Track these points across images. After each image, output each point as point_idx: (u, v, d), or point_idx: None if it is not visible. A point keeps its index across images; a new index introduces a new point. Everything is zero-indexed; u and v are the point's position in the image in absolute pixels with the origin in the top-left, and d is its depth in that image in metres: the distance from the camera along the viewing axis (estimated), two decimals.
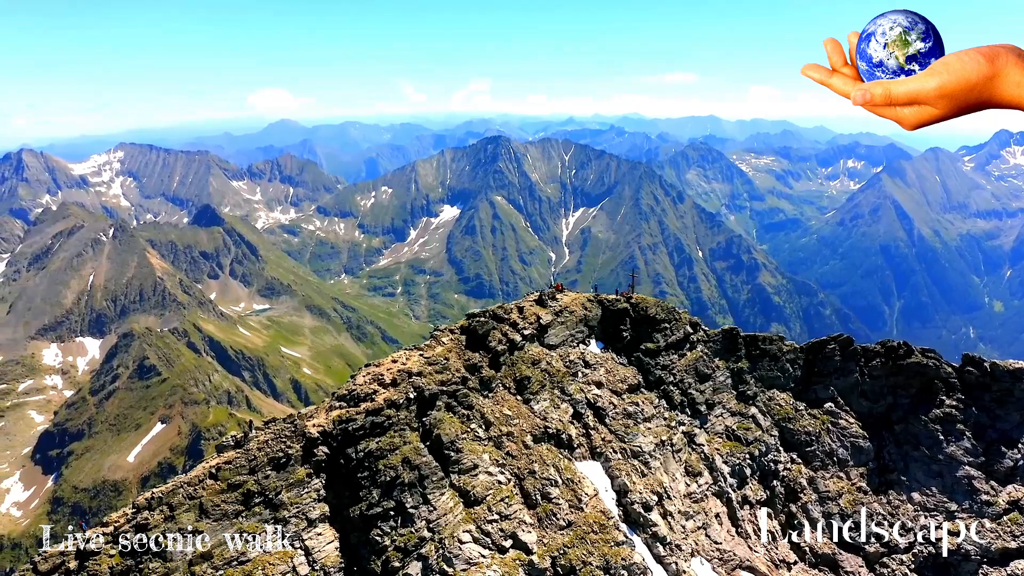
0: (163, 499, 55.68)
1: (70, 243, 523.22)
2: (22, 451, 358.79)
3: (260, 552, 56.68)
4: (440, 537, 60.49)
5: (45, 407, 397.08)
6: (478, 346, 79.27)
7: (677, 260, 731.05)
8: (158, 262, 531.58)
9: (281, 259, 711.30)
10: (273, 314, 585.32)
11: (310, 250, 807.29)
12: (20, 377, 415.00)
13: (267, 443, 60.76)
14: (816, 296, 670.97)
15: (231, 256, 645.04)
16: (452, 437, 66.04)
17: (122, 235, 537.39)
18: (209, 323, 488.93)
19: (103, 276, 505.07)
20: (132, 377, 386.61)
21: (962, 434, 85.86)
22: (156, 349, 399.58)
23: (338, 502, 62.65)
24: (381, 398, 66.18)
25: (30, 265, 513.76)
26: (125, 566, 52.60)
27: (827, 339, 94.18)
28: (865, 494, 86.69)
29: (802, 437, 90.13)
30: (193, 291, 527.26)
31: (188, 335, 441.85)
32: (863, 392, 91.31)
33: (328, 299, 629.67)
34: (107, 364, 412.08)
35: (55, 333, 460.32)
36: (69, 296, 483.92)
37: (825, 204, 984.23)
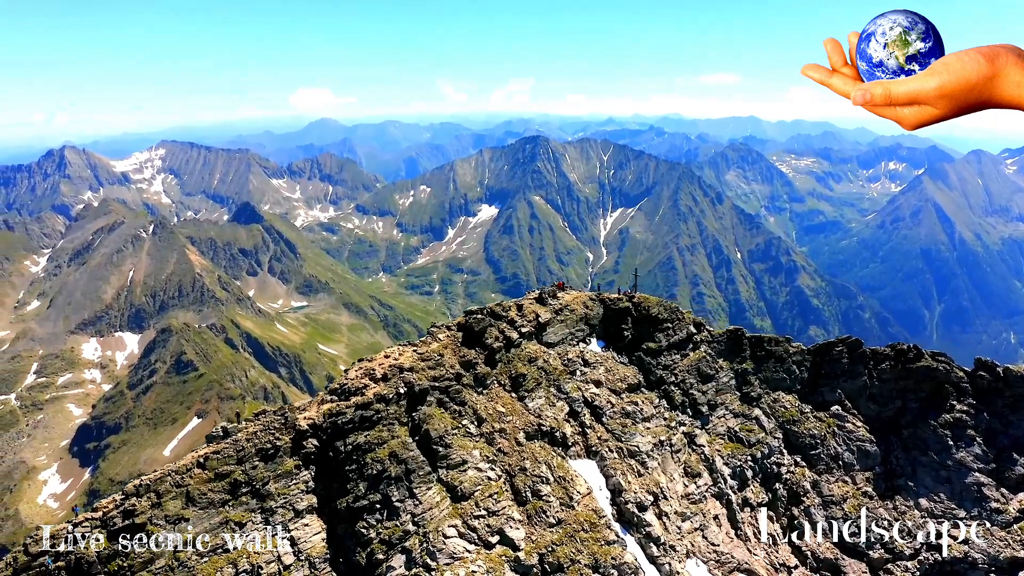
0: (151, 486, 56.76)
1: (110, 239, 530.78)
2: (60, 444, 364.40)
3: (246, 540, 57.57)
4: (424, 531, 60.96)
5: (83, 400, 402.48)
6: (474, 343, 79.59)
7: (715, 261, 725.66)
8: (197, 259, 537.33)
9: (319, 257, 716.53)
10: (310, 311, 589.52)
11: (348, 248, 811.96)
12: (59, 371, 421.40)
13: (255, 434, 61.63)
14: (855, 299, 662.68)
15: (270, 253, 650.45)
16: (441, 432, 66.48)
17: (162, 232, 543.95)
18: (247, 319, 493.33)
19: (143, 272, 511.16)
20: (169, 372, 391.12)
21: (972, 440, 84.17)
22: (193, 345, 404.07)
23: (327, 494, 63.43)
24: (371, 392, 66.82)
25: (71, 261, 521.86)
26: (112, 550, 53.66)
27: (835, 341, 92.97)
28: (871, 499, 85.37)
29: (807, 440, 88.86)
30: (231, 288, 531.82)
31: (226, 331, 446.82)
32: (871, 395, 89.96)
33: (365, 297, 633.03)
34: (145, 359, 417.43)
35: (94, 328, 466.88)
36: (109, 291, 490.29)
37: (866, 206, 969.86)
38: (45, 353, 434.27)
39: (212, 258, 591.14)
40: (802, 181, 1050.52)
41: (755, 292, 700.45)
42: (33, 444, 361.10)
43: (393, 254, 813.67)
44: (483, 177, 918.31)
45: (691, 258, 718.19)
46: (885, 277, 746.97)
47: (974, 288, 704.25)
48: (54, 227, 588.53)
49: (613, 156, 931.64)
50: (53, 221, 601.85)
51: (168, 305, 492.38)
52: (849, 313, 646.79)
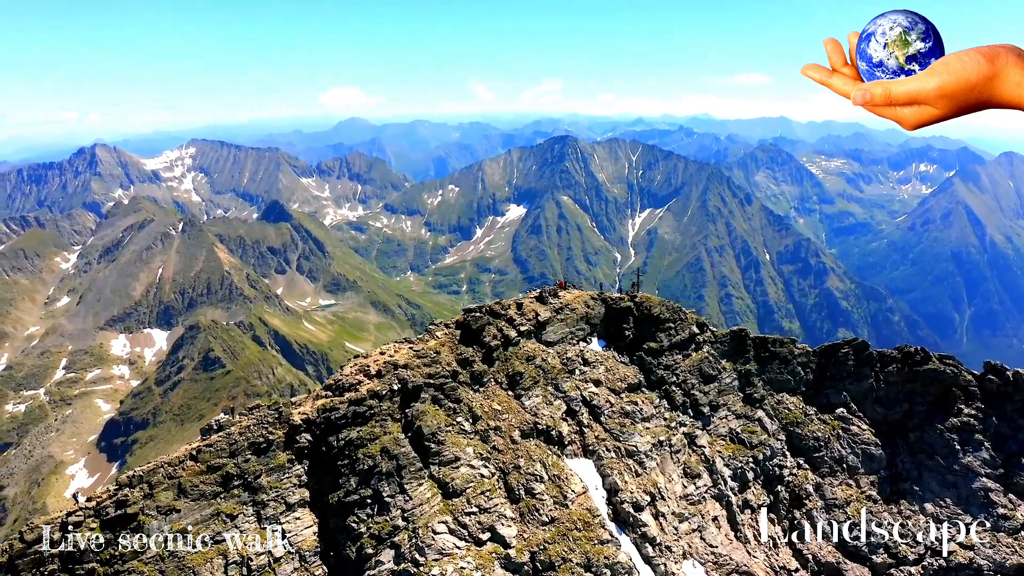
0: (143, 477, 57.75)
1: (140, 236, 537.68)
2: (88, 438, 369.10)
3: (236, 532, 58.41)
4: (414, 527, 61.33)
5: (112, 396, 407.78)
6: (472, 341, 79.80)
7: (744, 263, 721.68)
8: (226, 256, 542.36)
9: (348, 255, 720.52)
10: (338, 310, 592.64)
11: (377, 247, 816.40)
12: (88, 366, 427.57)
13: (249, 428, 62.48)
14: (885, 302, 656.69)
15: (298, 252, 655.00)
16: (434, 429, 66.83)
17: (191, 229, 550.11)
18: (275, 317, 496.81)
19: (172, 269, 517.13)
20: (197, 369, 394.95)
21: (980, 444, 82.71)
22: (221, 342, 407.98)
23: (320, 489, 64.12)
24: (364, 388, 67.39)
25: (101, 258, 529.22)
26: (105, 539, 54.80)
27: (840, 343, 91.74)
28: (875, 503, 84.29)
29: (810, 442, 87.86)
30: (260, 285, 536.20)
31: (254, 328, 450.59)
32: (878, 398, 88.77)
33: (393, 296, 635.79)
34: (173, 355, 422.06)
35: (124, 324, 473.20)
36: (138, 288, 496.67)
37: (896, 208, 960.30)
38: (74, 349, 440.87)
39: (241, 256, 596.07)
40: (832, 182, 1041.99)
41: (784, 294, 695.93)
42: (61, 439, 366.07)
43: (421, 253, 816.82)
44: (511, 177, 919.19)
45: (719, 259, 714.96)
46: (915, 280, 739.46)
47: (1004, 291, 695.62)
48: (85, 224, 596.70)
49: (642, 156, 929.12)
50: (84, 218, 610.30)
51: (197, 302, 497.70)
52: (878, 316, 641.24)
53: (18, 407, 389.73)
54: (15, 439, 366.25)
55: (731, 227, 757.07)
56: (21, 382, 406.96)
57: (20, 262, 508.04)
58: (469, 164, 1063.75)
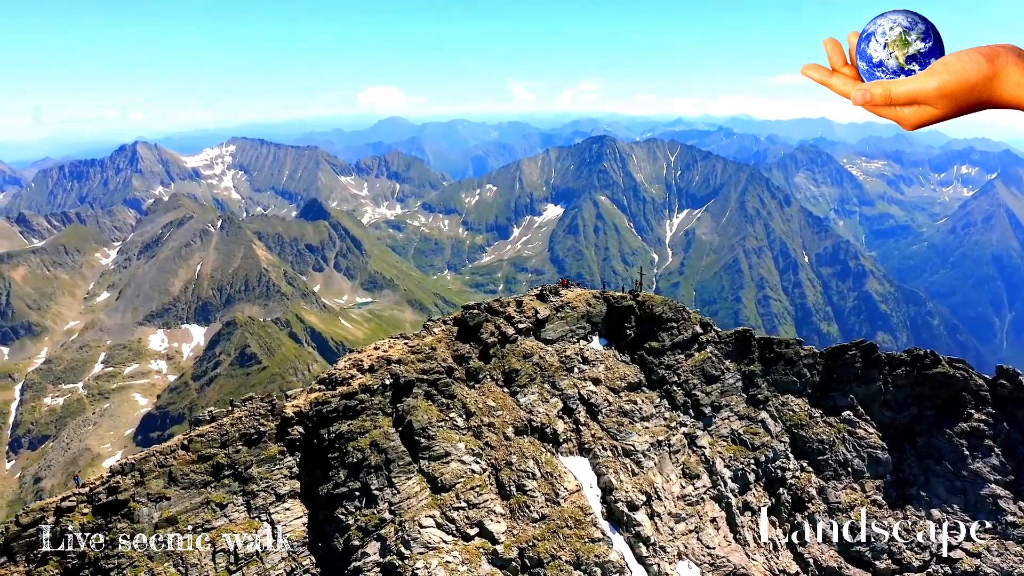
0: (135, 465, 59.10)
1: (179, 233, 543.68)
2: (125, 432, 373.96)
3: (226, 521, 59.40)
4: (401, 520, 62.11)
5: (149, 390, 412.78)
6: (469, 338, 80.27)
7: (782, 264, 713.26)
8: (264, 253, 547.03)
9: (385, 254, 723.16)
10: (374, 307, 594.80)
11: (414, 246, 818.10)
12: (127, 361, 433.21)
13: (240, 419, 63.63)
14: (924, 305, 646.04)
15: (336, 250, 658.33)
16: (424, 424, 67.41)
17: (229, 226, 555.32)
18: (311, 314, 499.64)
19: (210, 266, 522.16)
20: (233, 364, 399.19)
21: (990, 450, 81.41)
22: (258, 338, 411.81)
23: (311, 480, 65.18)
24: (356, 383, 68.35)
25: (140, 254, 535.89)
26: (96, 524, 56.33)
27: (847, 345, 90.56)
28: (880, 508, 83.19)
29: (814, 445, 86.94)
30: (297, 283, 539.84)
31: (290, 325, 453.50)
32: (886, 401, 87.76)
33: (429, 294, 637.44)
34: (210, 351, 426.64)
35: (162, 320, 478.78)
36: (177, 284, 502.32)
37: (937, 211, 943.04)
38: (113, 343, 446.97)
39: (279, 253, 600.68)
40: (872, 184, 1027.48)
41: (822, 296, 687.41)
42: (99, 432, 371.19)
43: (458, 252, 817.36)
44: (549, 176, 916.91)
45: (757, 261, 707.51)
46: (955, 283, 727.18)
47: None
48: (125, 221, 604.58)
49: (680, 156, 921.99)
50: (124, 215, 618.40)
51: (234, 299, 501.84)
52: (918, 319, 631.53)
53: (57, 400, 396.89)
54: (53, 432, 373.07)
55: (770, 228, 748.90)
56: (60, 376, 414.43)
57: (61, 257, 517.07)
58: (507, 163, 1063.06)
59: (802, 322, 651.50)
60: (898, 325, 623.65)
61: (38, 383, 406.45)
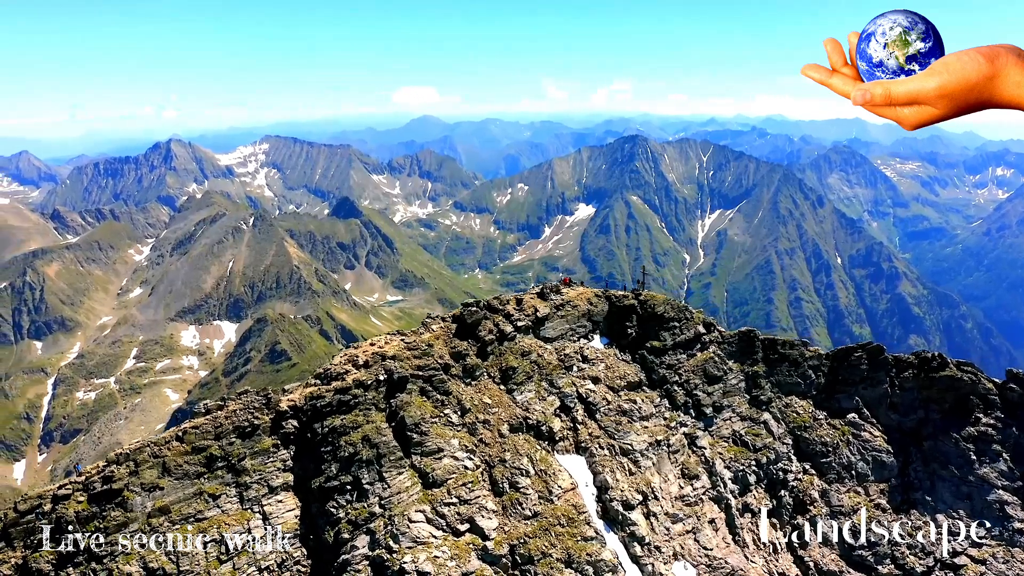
0: (130, 455, 60.39)
1: (212, 230, 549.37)
2: (156, 427, 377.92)
3: (218, 512, 60.50)
4: (390, 514, 62.69)
5: (180, 386, 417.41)
6: (467, 335, 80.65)
7: (814, 266, 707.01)
8: (295, 251, 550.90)
9: (416, 252, 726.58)
10: (405, 306, 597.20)
11: (445, 244, 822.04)
12: (158, 356, 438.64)
13: (235, 412, 64.64)
14: (958, 309, 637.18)
15: (367, 248, 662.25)
16: (417, 420, 67.92)
17: (262, 224, 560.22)
18: (342, 312, 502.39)
19: (242, 263, 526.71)
20: (263, 361, 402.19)
21: (998, 455, 79.85)
22: (288, 335, 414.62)
23: (304, 474, 66.07)
24: (351, 378, 69.07)
25: (173, 250, 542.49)
26: (90, 512, 57.68)
27: (854, 347, 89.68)
28: (883, 512, 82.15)
29: (818, 447, 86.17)
30: (328, 280, 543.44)
31: (321, 323, 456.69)
32: (892, 404, 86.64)
33: (460, 293, 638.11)
34: (241, 347, 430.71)
35: (194, 316, 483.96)
36: (209, 281, 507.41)
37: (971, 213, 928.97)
38: (145, 339, 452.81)
39: (311, 251, 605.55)
40: (906, 185, 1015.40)
41: (855, 298, 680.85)
42: (130, 426, 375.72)
43: (489, 251, 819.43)
44: (581, 176, 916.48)
45: (789, 262, 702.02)
46: (989, 286, 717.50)
47: None
48: (158, 218, 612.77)
49: (713, 157, 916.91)
50: (158, 212, 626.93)
51: (266, 296, 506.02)
52: (951, 323, 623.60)
53: (89, 395, 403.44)
54: (85, 426, 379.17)
55: (802, 230, 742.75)
56: (93, 370, 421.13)
57: (95, 254, 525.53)
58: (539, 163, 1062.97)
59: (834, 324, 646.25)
60: (931, 328, 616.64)
61: (70, 377, 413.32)
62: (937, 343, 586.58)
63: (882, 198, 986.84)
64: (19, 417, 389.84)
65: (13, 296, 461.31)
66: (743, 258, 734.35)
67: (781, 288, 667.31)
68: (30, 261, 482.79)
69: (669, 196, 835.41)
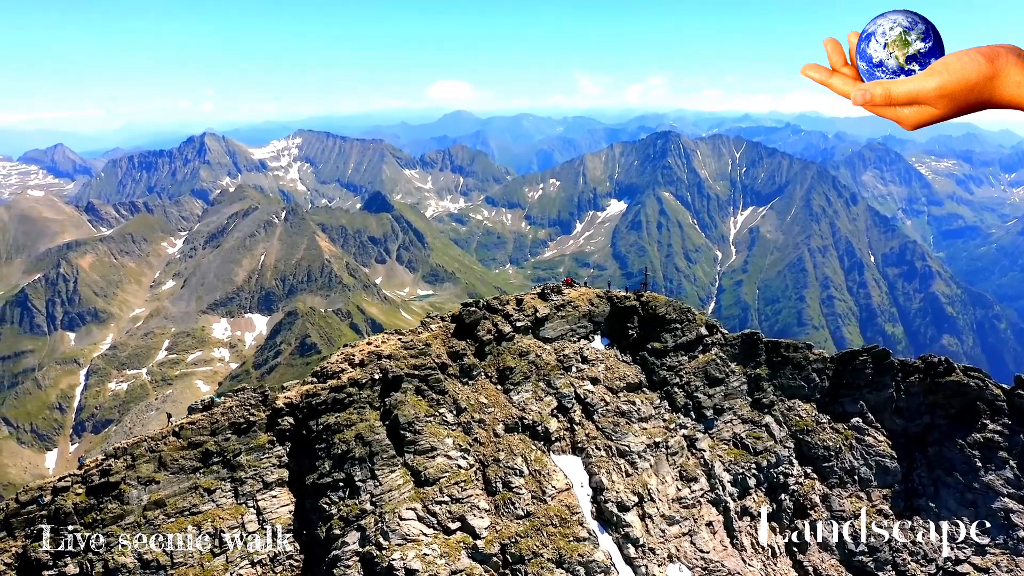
0: (127, 450, 61.92)
1: (244, 224, 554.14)
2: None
3: (213, 506, 61.96)
4: (381, 511, 63.71)
5: (211, 378, 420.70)
6: (466, 335, 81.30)
7: (847, 264, 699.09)
8: (327, 245, 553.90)
9: (447, 247, 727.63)
10: (435, 300, 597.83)
11: (477, 239, 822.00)
12: (190, 348, 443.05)
13: (231, 409, 65.97)
14: (992, 309, 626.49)
15: (398, 242, 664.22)
16: (411, 419, 68.85)
17: (293, 218, 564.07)
18: (372, 305, 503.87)
19: (274, 256, 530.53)
20: (294, 353, 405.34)
21: (1005, 462, 78.81)
22: (318, 328, 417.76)
23: (300, 470, 67.26)
24: (346, 376, 70.06)
25: (206, 243, 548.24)
26: (88, 504, 59.42)
27: (859, 350, 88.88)
28: (886, 518, 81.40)
29: (820, 451, 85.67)
30: (359, 274, 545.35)
31: (351, 316, 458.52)
32: (898, 409, 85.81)
33: (491, 288, 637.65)
34: (271, 340, 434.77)
35: (225, 308, 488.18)
36: (241, 274, 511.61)
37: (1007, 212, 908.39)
38: (177, 331, 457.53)
39: (342, 245, 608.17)
40: (941, 184, 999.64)
41: (887, 297, 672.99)
42: (160, 417, 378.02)
43: (520, 246, 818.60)
44: (613, 172, 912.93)
45: (822, 260, 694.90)
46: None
47: None
48: (192, 211, 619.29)
49: (746, 153, 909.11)
50: (191, 205, 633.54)
51: (297, 289, 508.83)
52: (984, 323, 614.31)
53: (120, 386, 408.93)
54: (116, 416, 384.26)
55: (835, 227, 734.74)
56: (125, 362, 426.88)
57: (128, 246, 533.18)
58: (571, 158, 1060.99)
59: (866, 323, 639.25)
60: (964, 328, 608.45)
61: (103, 368, 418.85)
62: (970, 343, 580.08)
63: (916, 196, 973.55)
64: (52, 407, 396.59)
65: (47, 288, 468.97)
66: (775, 255, 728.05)
67: (813, 286, 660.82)
68: (64, 253, 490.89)
69: (701, 192, 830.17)
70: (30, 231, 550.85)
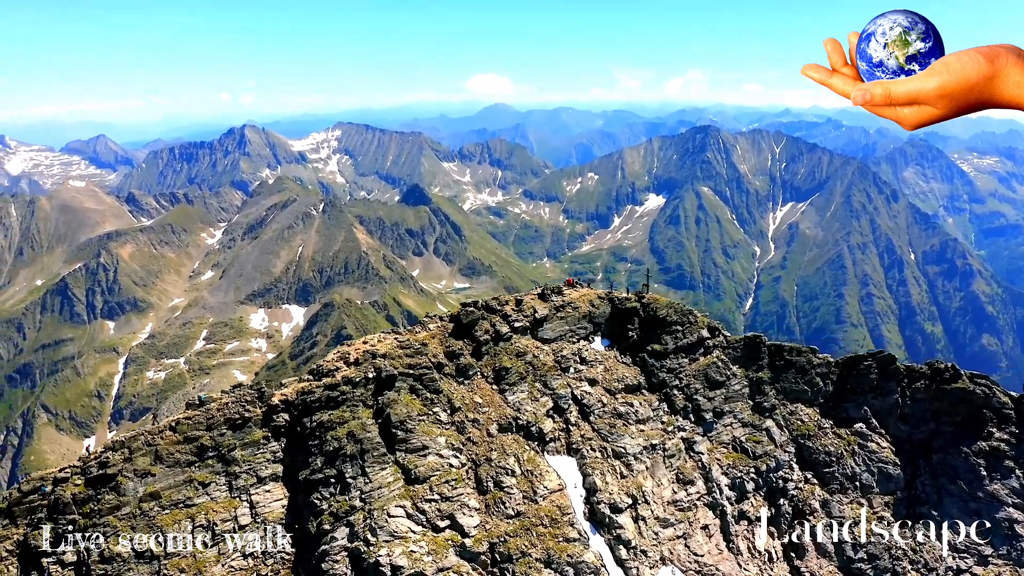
0: (125, 443, 64.05)
1: (283, 215, 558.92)
2: None
3: (207, 499, 63.85)
4: (370, 508, 65.03)
5: (248, 368, 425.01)
6: (463, 335, 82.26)
7: (887, 262, 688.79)
8: (364, 237, 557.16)
9: (484, 240, 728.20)
10: (471, 293, 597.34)
11: (514, 233, 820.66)
12: (228, 338, 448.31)
13: (227, 405, 67.76)
14: None
15: (436, 235, 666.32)
16: (403, 417, 69.97)
17: (331, 210, 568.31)
18: (408, 298, 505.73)
19: (311, 248, 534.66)
20: (329, 345, 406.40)
21: (1010, 472, 77.72)
22: (354, 320, 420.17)
23: (294, 466, 68.94)
24: (340, 375, 71.46)
25: (245, 235, 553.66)
26: (86, 495, 61.66)
27: (863, 355, 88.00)
28: (887, 525, 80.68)
29: (821, 456, 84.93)
30: (396, 266, 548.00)
31: (387, 308, 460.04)
32: (903, 415, 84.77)
33: (527, 282, 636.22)
34: (307, 331, 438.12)
35: (263, 299, 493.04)
36: (279, 265, 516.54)
37: None
38: (215, 321, 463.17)
39: (379, 237, 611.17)
40: (983, 181, 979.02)
41: (927, 296, 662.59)
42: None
43: (558, 240, 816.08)
44: (651, 166, 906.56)
45: (861, 257, 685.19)
46: None
47: None
48: (231, 202, 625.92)
49: (785, 148, 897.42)
50: (231, 196, 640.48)
51: (334, 281, 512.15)
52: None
53: (159, 374, 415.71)
54: (154, 405, 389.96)
55: (875, 224, 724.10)
56: (163, 351, 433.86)
57: (168, 236, 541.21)
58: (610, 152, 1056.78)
59: (905, 321, 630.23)
60: (1004, 328, 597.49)
61: (141, 357, 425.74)
62: (1010, 343, 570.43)
63: (958, 193, 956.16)
64: (90, 395, 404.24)
65: (87, 277, 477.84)
66: (814, 252, 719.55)
67: (852, 283, 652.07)
68: (104, 243, 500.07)
69: (740, 188, 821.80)
70: (71, 221, 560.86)
